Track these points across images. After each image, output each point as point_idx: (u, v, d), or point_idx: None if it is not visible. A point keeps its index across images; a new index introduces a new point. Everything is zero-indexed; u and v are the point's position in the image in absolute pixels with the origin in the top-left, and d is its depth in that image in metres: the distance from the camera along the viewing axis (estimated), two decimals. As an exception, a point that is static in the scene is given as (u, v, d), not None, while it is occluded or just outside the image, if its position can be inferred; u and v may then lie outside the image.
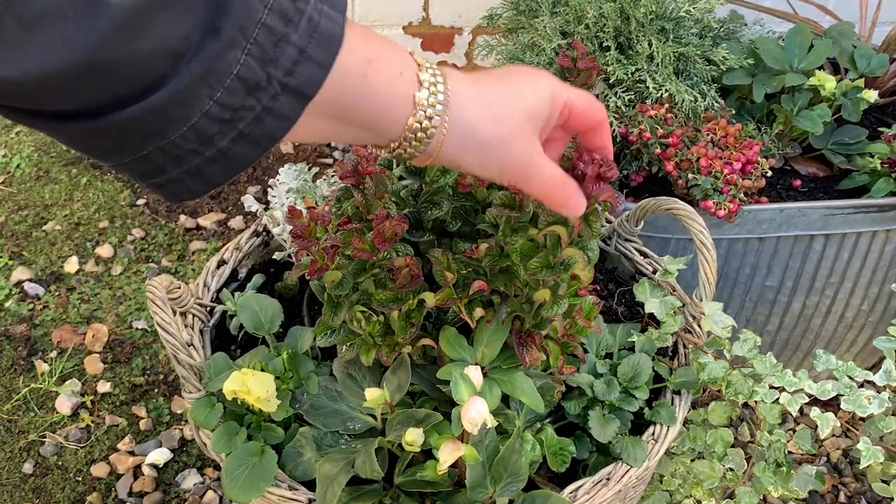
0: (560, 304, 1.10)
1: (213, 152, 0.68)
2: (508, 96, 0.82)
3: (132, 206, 2.57)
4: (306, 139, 0.76)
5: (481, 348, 1.16)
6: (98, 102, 0.62)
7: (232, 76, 0.64)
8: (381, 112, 0.76)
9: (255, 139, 0.68)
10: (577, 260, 1.06)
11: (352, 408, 1.21)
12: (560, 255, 1.05)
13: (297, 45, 0.66)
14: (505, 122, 0.81)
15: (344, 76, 0.70)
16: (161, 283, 1.23)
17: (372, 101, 0.74)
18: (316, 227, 1.08)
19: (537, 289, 1.09)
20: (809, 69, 1.89)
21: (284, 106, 0.68)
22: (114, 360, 2.14)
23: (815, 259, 1.85)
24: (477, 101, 0.80)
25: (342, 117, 0.74)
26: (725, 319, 1.36)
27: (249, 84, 0.65)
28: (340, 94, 0.71)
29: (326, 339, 1.19)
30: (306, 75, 0.67)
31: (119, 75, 0.60)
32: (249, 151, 0.69)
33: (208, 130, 0.66)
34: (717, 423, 1.41)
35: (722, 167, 1.70)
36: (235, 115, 0.66)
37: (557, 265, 1.06)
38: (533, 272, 1.06)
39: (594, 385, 1.30)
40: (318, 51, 0.67)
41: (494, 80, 0.82)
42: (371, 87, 0.73)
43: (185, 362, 1.23)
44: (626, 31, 1.82)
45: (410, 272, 1.10)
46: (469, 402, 1.05)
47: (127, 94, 0.62)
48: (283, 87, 0.67)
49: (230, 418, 1.23)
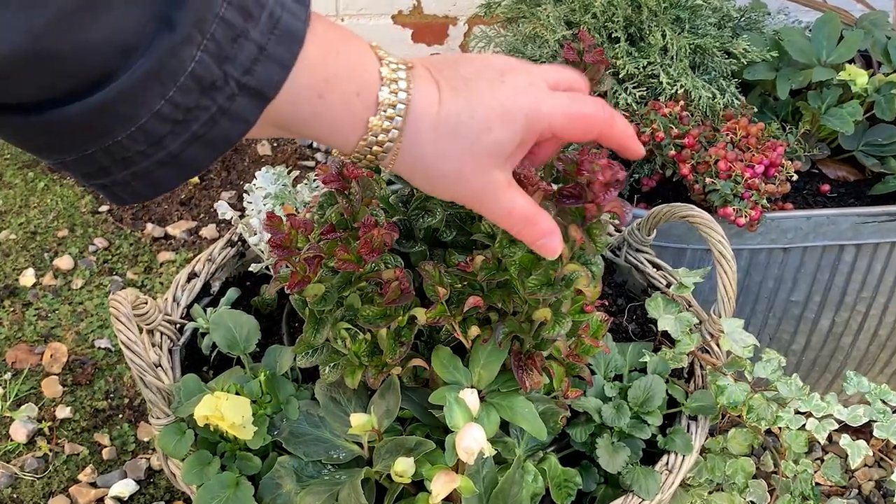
0: (562, 323, 1.10)
1: (163, 155, 0.68)
2: (473, 128, 0.80)
3: (94, 213, 2.58)
4: (255, 138, 0.76)
5: (477, 370, 1.16)
6: (39, 97, 0.62)
7: (186, 74, 0.65)
8: (334, 132, 0.77)
9: (209, 141, 0.68)
10: (579, 276, 1.06)
11: (336, 435, 1.21)
12: (561, 270, 1.05)
13: (257, 42, 0.67)
14: (461, 158, 0.81)
15: (299, 96, 0.72)
16: (126, 297, 1.23)
17: (324, 121, 0.76)
18: (296, 235, 1.08)
19: (537, 307, 1.09)
20: (839, 63, 1.89)
21: (241, 107, 0.68)
22: (74, 383, 2.14)
23: (845, 271, 1.85)
24: (436, 131, 0.80)
25: (294, 131, 0.76)
26: (746, 338, 1.36)
27: (205, 83, 0.66)
28: (294, 110, 0.73)
29: (308, 359, 1.19)
30: (266, 75, 0.68)
31: (63, 68, 0.60)
32: (203, 154, 0.69)
33: (159, 131, 0.66)
34: (738, 451, 1.41)
35: (743, 170, 1.71)
36: (189, 115, 0.66)
37: (558, 282, 1.06)
38: (532, 290, 1.06)
39: (602, 410, 1.30)
40: (278, 49, 0.68)
41: (463, 101, 0.81)
42: (325, 109, 0.75)
43: (152, 385, 1.23)
44: (638, 21, 1.82)
45: (400, 286, 1.10)
46: (464, 429, 1.05)
47: (71, 88, 0.62)
48: (241, 87, 0.67)
49: (202, 447, 1.23)
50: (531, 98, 0.83)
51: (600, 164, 0.93)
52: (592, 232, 1.02)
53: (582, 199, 0.96)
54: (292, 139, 2.80)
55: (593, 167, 0.93)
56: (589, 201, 0.96)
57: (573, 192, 0.97)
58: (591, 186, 0.94)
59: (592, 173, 0.93)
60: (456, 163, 0.81)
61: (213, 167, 2.67)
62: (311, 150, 2.79)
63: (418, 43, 2.68)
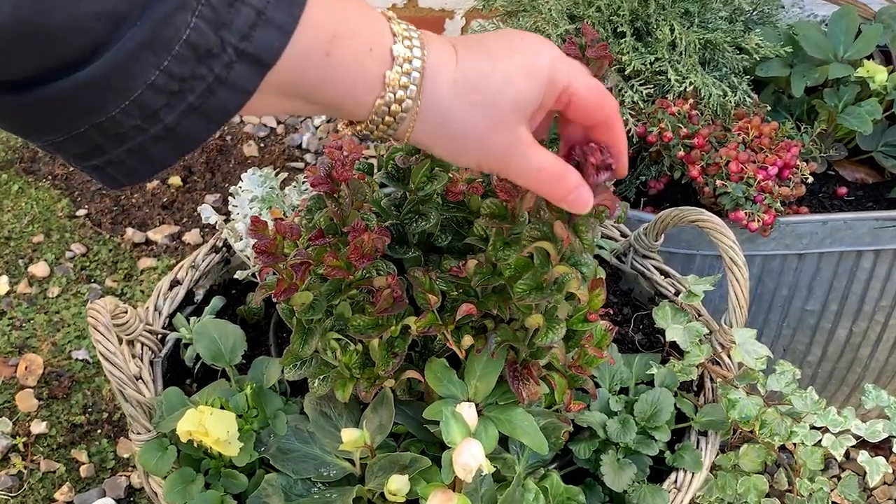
0: (556, 330, 1.10)
1: (158, 128, 0.68)
2: (494, 80, 0.81)
3: (71, 217, 2.58)
4: (262, 113, 0.76)
5: (474, 382, 1.16)
6: (27, 73, 0.62)
7: (181, 41, 0.65)
8: (347, 93, 0.77)
9: (206, 112, 0.69)
10: (570, 278, 1.06)
11: (326, 451, 1.22)
12: (550, 273, 1.05)
13: (255, 5, 0.67)
14: (485, 112, 0.81)
15: (305, 56, 0.71)
16: (105, 306, 1.23)
17: (336, 83, 0.75)
18: (284, 241, 1.09)
19: (529, 314, 1.09)
20: (857, 58, 1.89)
21: (240, 75, 0.68)
22: (50, 396, 2.14)
23: (863, 279, 1.85)
24: (455, 87, 0.80)
25: (302, 97, 0.75)
26: (759, 349, 1.36)
27: (201, 50, 0.66)
28: (300, 75, 0.72)
29: (296, 371, 1.19)
30: (265, 41, 0.68)
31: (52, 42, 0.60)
32: (200, 127, 0.69)
33: (153, 104, 0.66)
34: (750, 468, 1.41)
35: (755, 172, 1.71)
36: (185, 85, 0.66)
37: (549, 286, 1.06)
38: (521, 295, 1.06)
39: (607, 425, 1.30)
40: (277, 13, 0.68)
41: (482, 56, 0.81)
42: (335, 68, 0.74)
43: (132, 398, 1.23)
44: (645, 15, 1.83)
45: (393, 294, 1.10)
46: (461, 445, 1.05)
47: (61, 63, 0.62)
48: (239, 53, 0.67)
49: (185, 464, 1.23)
50: (551, 58, 0.84)
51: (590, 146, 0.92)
52: (578, 228, 1.02)
53: None
54: (280, 140, 2.80)
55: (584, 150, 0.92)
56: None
57: None
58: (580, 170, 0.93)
59: (582, 155, 0.92)
60: (480, 119, 0.80)
61: (196, 169, 2.67)
62: (299, 150, 2.79)
63: (413, 38, 2.67)
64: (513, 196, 1.04)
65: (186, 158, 2.68)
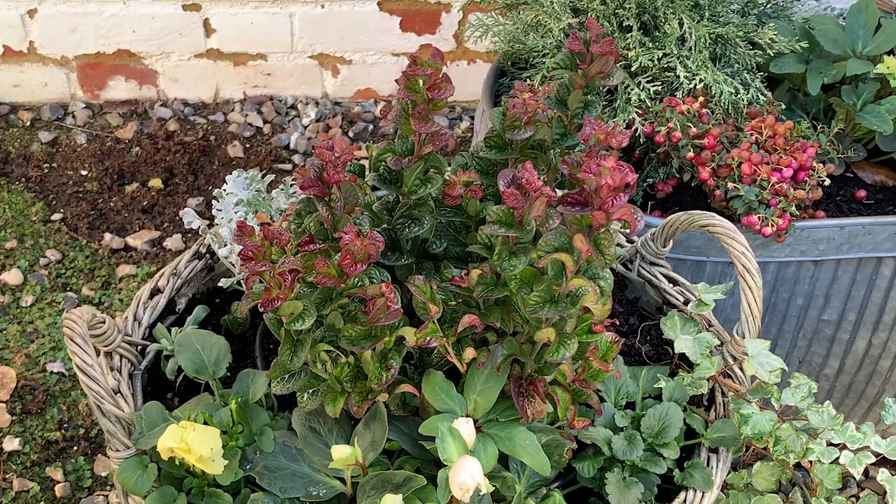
0: (567, 345, 1.10)
1: None
2: None
3: (46, 221, 2.58)
4: None
5: (473, 397, 1.17)
6: None
7: None
8: None
9: None
10: (586, 292, 1.06)
11: (315, 469, 1.22)
12: (566, 286, 1.05)
13: None
14: None
15: None
16: (81, 316, 1.23)
17: None
18: (271, 247, 1.09)
19: (539, 327, 1.09)
20: (876, 54, 1.90)
21: None
22: (24, 411, 2.14)
23: (883, 287, 1.85)
24: None
25: None
26: (773, 361, 1.36)
27: None
28: None
29: (284, 384, 1.19)
30: None
31: None
32: None
33: None
34: (764, 487, 1.41)
35: (769, 174, 1.71)
36: None
37: (563, 299, 1.06)
38: (533, 308, 1.06)
39: (612, 441, 1.30)
40: None
41: None
42: None
43: (110, 413, 1.23)
44: (652, 8, 1.83)
45: (386, 303, 1.10)
46: (459, 463, 1.05)
47: None
48: None
49: (166, 482, 1.23)
50: None
51: (608, 165, 0.92)
52: (600, 243, 1.02)
53: (588, 206, 0.96)
54: (266, 140, 2.80)
55: (601, 170, 0.92)
56: (596, 208, 0.96)
57: (578, 198, 0.97)
58: (597, 192, 0.94)
59: (599, 176, 0.92)
60: None
61: (178, 171, 2.67)
62: (287, 151, 2.80)
63: (407, 32, 2.68)
64: (521, 203, 1.04)
65: (168, 160, 2.68)
